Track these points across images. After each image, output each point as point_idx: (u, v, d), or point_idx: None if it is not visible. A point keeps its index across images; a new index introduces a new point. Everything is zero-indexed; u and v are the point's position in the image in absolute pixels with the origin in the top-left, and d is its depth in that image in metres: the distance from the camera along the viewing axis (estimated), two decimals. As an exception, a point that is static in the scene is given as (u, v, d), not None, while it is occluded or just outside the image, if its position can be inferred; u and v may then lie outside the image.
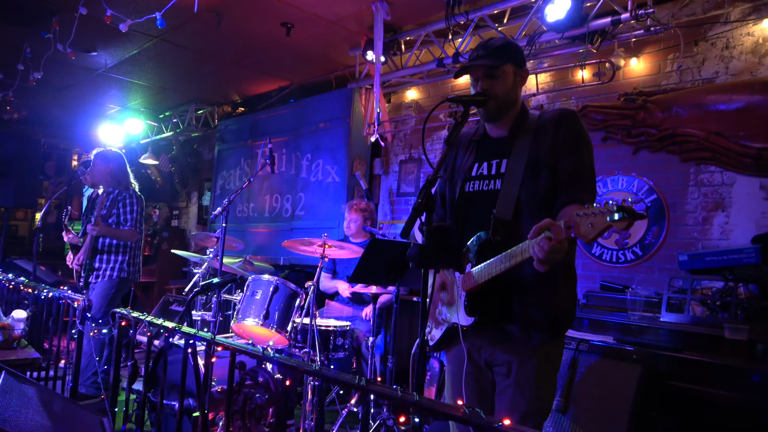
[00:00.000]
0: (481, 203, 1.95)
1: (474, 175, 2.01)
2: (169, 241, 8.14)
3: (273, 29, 4.83)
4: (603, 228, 1.45)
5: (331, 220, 5.69)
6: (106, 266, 4.34)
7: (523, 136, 1.94)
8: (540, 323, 1.83)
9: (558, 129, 1.88)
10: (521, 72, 2.00)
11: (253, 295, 3.71)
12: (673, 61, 3.86)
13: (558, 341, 1.94)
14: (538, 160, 1.87)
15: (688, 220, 3.74)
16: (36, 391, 2.26)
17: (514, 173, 1.89)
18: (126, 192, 4.41)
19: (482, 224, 1.90)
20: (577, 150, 1.86)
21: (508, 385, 1.88)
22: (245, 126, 7.12)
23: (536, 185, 1.85)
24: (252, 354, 1.77)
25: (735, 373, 2.62)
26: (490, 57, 1.94)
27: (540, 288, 1.80)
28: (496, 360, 1.92)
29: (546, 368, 1.87)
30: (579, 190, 1.81)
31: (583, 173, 1.85)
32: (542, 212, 1.83)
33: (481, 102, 1.93)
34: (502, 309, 1.87)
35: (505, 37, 2.09)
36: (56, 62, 5.45)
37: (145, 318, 2.37)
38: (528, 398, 1.83)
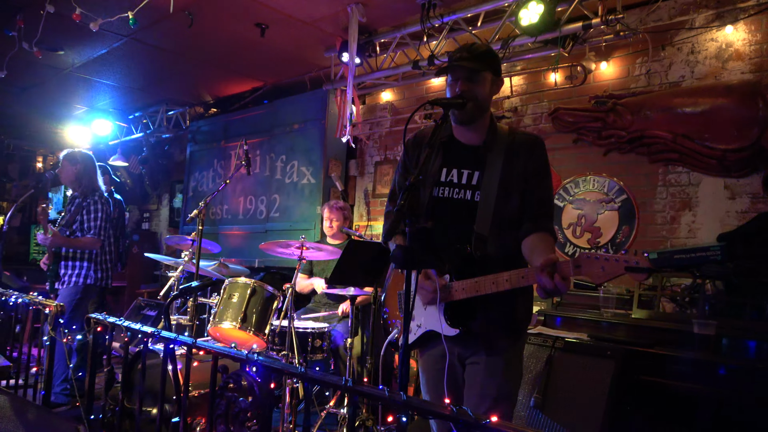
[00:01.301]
0: (450, 210, 2.02)
1: (443, 181, 2.05)
2: (140, 244, 7.97)
3: (247, 30, 4.79)
4: (617, 275, 1.52)
5: (306, 221, 5.67)
6: (71, 272, 4.22)
7: (496, 152, 2.01)
8: (503, 329, 1.96)
9: (530, 157, 1.99)
10: (497, 81, 2.06)
11: (229, 298, 3.67)
12: (642, 65, 3.97)
13: (523, 337, 2.09)
14: (510, 181, 1.97)
15: (657, 219, 3.85)
16: (8, 400, 2.21)
17: (489, 189, 1.97)
18: (91, 197, 4.27)
19: (453, 231, 1.98)
20: (545, 180, 2.01)
21: (477, 371, 1.96)
22: (218, 127, 7.03)
23: (507, 205, 1.95)
24: (235, 357, 1.76)
25: (703, 367, 2.72)
26: (474, 60, 1.97)
27: (503, 299, 1.88)
28: (467, 353, 2.00)
29: (512, 357, 1.99)
30: (547, 219, 1.96)
31: (549, 203, 2.02)
32: (511, 231, 1.97)
33: (460, 105, 1.96)
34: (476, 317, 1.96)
35: (488, 44, 2.13)
36: (21, 60, 5.29)
37: (123, 323, 2.33)
38: (498, 383, 1.92)
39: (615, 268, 1.48)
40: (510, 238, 1.95)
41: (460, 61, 1.97)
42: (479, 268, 1.87)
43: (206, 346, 1.87)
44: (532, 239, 1.89)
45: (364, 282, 3.67)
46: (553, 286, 1.62)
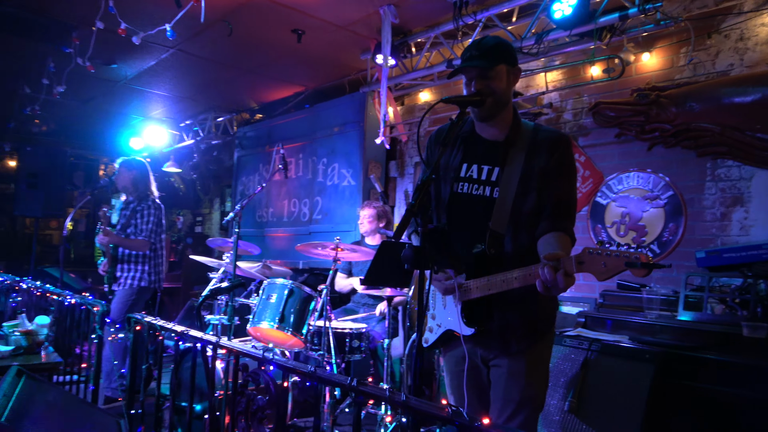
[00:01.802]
0: (470, 207, 1.99)
1: (463, 176, 2.02)
2: (193, 247, 8.31)
3: (284, 36, 4.90)
4: (618, 272, 1.47)
5: (347, 223, 5.73)
6: (127, 275, 4.46)
7: (518, 148, 1.95)
8: (522, 329, 1.90)
9: (552, 154, 1.91)
10: (514, 71, 2.00)
11: (268, 298, 3.76)
12: (686, 55, 3.78)
13: (546, 339, 2.00)
14: (529, 179, 1.91)
15: (706, 216, 3.66)
16: (54, 393, 2.35)
17: (508, 186, 1.92)
18: (145, 203, 4.51)
19: (471, 228, 1.95)
20: (566, 179, 1.93)
21: (500, 375, 1.93)
22: (262, 132, 7.22)
23: (525, 203, 1.90)
24: (253, 356, 1.81)
25: (753, 372, 2.56)
26: (484, 57, 1.93)
27: (521, 299, 1.85)
28: (490, 355, 1.97)
29: (536, 360, 1.93)
30: (564, 219, 1.88)
31: (569, 202, 1.93)
32: (529, 229, 1.91)
33: (478, 102, 1.93)
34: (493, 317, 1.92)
35: (496, 36, 2.08)
36: (79, 75, 5.62)
37: (157, 322, 2.43)
38: (521, 387, 1.88)
39: (616, 264, 1.42)
40: (527, 236, 1.90)
41: (471, 60, 1.94)
42: (494, 266, 1.84)
43: (228, 345, 1.92)
44: (547, 238, 1.84)
45: (398, 282, 3.67)
46: (553, 280, 1.57)
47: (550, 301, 1.99)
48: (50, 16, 4.80)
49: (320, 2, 4.29)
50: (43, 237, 10.19)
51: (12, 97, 6.81)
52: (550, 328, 2.01)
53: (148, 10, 4.35)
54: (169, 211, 9.28)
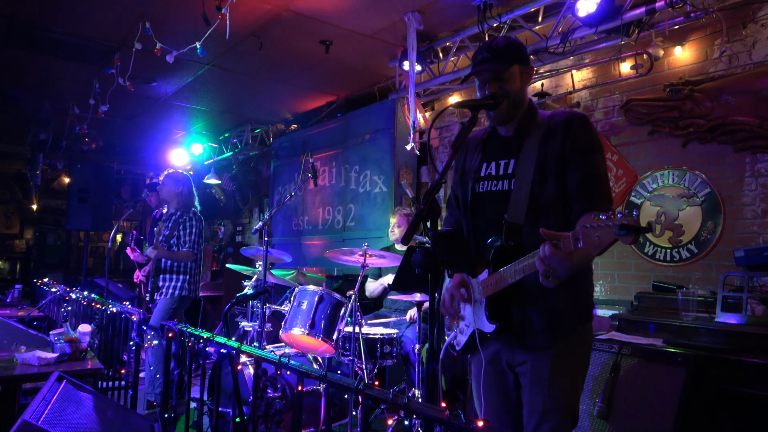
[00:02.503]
0: (492, 204, 1.95)
1: (483, 176, 2.00)
2: (234, 256, 8.53)
3: (313, 47, 5.00)
4: (610, 242, 1.40)
5: (379, 229, 5.77)
6: (169, 284, 4.63)
7: (531, 136, 1.91)
8: (544, 325, 1.82)
9: (567, 135, 1.84)
10: (527, 70, 1.97)
11: (299, 305, 3.83)
12: (721, 47, 3.64)
13: (574, 337, 1.86)
14: (545, 163, 1.85)
15: (746, 214, 3.51)
16: (92, 398, 2.47)
17: (523, 175, 1.87)
18: (187, 214, 4.68)
19: (495, 225, 1.90)
20: (587, 157, 1.82)
21: (525, 383, 1.87)
22: (297, 142, 7.37)
23: (543, 190, 1.84)
24: (272, 362, 1.85)
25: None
26: (497, 59, 1.91)
27: (542, 291, 1.73)
28: (515, 360, 1.91)
29: (562, 362, 1.81)
30: (594, 198, 1.77)
31: (597, 180, 1.81)
32: (553, 217, 1.83)
33: (492, 105, 1.91)
34: (515, 313, 1.87)
35: (507, 36, 2.06)
36: (122, 94, 5.89)
37: (187, 329, 2.52)
38: (543, 396, 1.80)
39: (607, 235, 1.36)
40: (549, 225, 1.76)
41: (484, 63, 1.93)
42: (515, 258, 1.76)
43: (249, 350, 1.98)
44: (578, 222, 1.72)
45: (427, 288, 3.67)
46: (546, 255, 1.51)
47: (579, 293, 1.86)
48: (94, 39, 5.07)
49: (345, 12, 4.36)
50: (95, 249, 10.72)
51: (64, 117, 7.21)
52: (578, 325, 1.86)
53: (181, 30, 4.53)
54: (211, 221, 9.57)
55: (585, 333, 1.91)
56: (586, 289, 1.90)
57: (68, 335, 3.26)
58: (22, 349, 3.23)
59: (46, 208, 10.10)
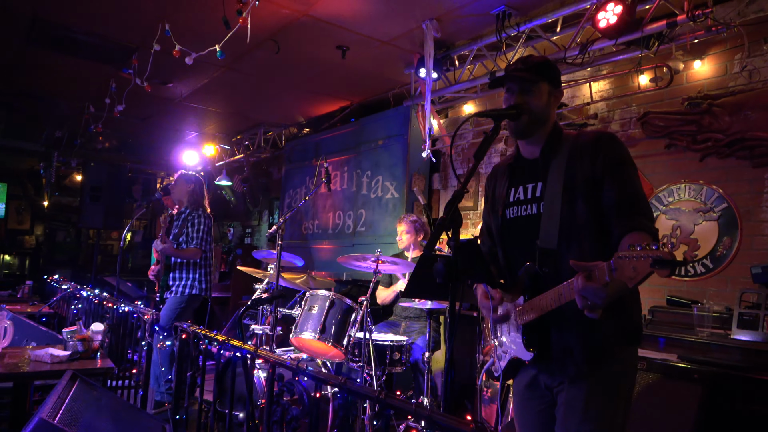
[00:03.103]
0: (523, 229, 1.91)
1: (512, 201, 1.97)
2: (243, 257, 8.54)
3: (329, 52, 5.02)
4: (646, 274, 1.35)
5: (390, 235, 5.76)
6: (179, 282, 4.63)
7: (558, 156, 1.87)
8: (583, 353, 1.76)
9: (596, 153, 1.78)
10: (556, 92, 1.95)
11: (309, 309, 3.83)
12: (741, 62, 3.62)
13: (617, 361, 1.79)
14: (574, 184, 1.80)
15: (764, 230, 3.47)
16: (105, 397, 2.47)
17: (552, 198, 1.83)
18: (196, 212, 4.70)
19: (526, 251, 1.86)
20: (621, 174, 1.76)
21: (560, 404, 1.81)
22: (310, 146, 7.39)
23: (574, 211, 1.79)
24: (288, 367, 1.85)
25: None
26: (528, 71, 1.91)
27: (580, 317, 1.62)
28: (554, 382, 1.86)
29: (600, 387, 1.75)
30: (634, 216, 1.70)
31: (634, 198, 1.74)
32: (588, 240, 1.78)
33: (513, 116, 1.90)
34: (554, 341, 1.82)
35: (543, 56, 2.06)
36: (138, 95, 5.93)
37: (200, 331, 2.52)
38: (578, 420, 1.74)
39: (643, 267, 1.31)
40: (583, 249, 1.76)
41: (514, 73, 1.92)
42: (550, 284, 1.72)
43: (265, 355, 1.97)
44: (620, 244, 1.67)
45: (440, 295, 3.66)
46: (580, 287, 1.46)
47: (623, 317, 1.76)
48: (113, 40, 5.11)
49: (363, 19, 4.38)
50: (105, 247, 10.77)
51: (79, 116, 7.27)
52: (622, 349, 1.79)
53: (200, 32, 4.56)
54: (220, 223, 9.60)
55: (629, 357, 1.84)
56: (630, 311, 1.81)
57: (81, 333, 3.27)
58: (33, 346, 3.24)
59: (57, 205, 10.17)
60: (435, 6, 4.11)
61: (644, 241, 1.52)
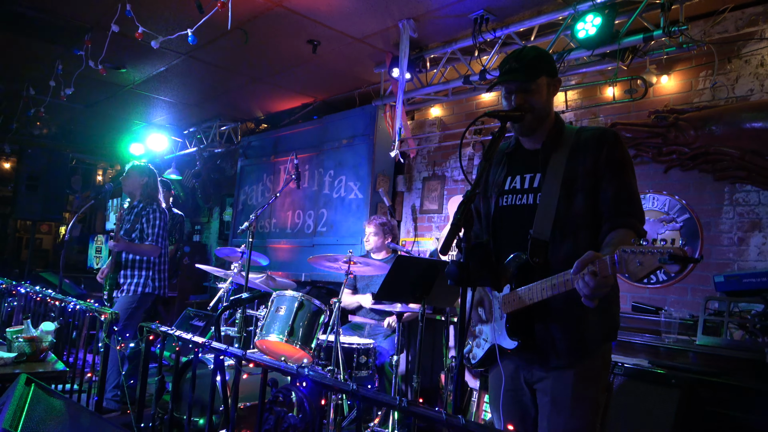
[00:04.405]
0: (516, 218, 1.92)
1: (507, 189, 1.97)
2: (191, 255, 8.18)
3: (299, 46, 4.87)
4: (654, 268, 1.38)
5: (353, 236, 5.67)
6: (130, 281, 4.34)
7: (559, 150, 1.89)
8: (567, 345, 1.78)
9: (599, 151, 1.81)
10: (554, 82, 1.96)
11: (277, 311, 3.68)
12: (706, 79, 3.79)
13: (594, 358, 1.82)
14: (574, 179, 1.82)
15: (723, 241, 3.64)
16: (64, 404, 2.25)
17: (550, 191, 1.84)
18: (150, 207, 4.42)
19: (517, 240, 1.87)
20: (621, 174, 1.80)
21: (546, 402, 1.83)
22: (268, 142, 7.17)
23: (571, 207, 1.81)
24: (285, 371, 1.73)
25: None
26: (525, 70, 1.89)
27: (565, 309, 1.73)
28: (533, 377, 1.88)
29: (583, 385, 1.78)
30: (626, 216, 1.75)
31: (629, 197, 1.79)
32: (580, 233, 1.81)
33: (518, 118, 1.89)
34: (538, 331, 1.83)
35: (536, 46, 2.04)
36: (87, 79, 5.54)
37: (174, 332, 2.35)
38: (566, 416, 1.77)
39: (650, 261, 1.34)
40: (577, 242, 1.78)
41: (512, 74, 1.89)
42: (540, 275, 1.74)
43: (256, 358, 1.85)
44: (607, 239, 1.72)
45: (411, 298, 3.60)
46: (584, 284, 1.49)
47: (606, 312, 1.81)
48: (63, 17, 4.74)
49: (339, 14, 4.27)
50: (34, 241, 10.04)
51: (16, 98, 6.72)
52: (602, 344, 1.83)
53: (165, 15, 4.31)
54: (168, 218, 9.15)
55: (607, 352, 1.89)
56: (613, 307, 1.86)
57: (29, 333, 2.99)
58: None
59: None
60: (414, 5, 4.06)
61: (629, 237, 1.63)
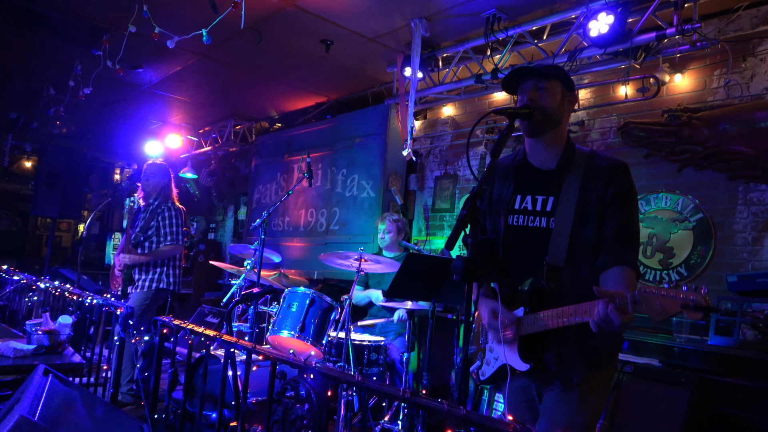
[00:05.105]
0: (527, 240, 1.91)
1: (517, 209, 1.95)
2: (206, 253, 8.27)
3: (312, 46, 4.92)
4: (674, 314, 1.41)
5: (365, 234, 5.70)
6: (145, 276, 4.41)
7: (572, 175, 1.87)
8: (581, 362, 1.82)
9: (610, 182, 1.83)
10: (570, 96, 1.94)
11: (288, 307, 3.72)
12: (720, 77, 3.76)
13: (605, 369, 1.89)
14: (587, 207, 1.83)
15: (737, 240, 3.60)
16: (80, 395, 2.31)
17: (564, 216, 1.84)
18: (165, 205, 4.48)
19: (530, 262, 1.87)
20: (626, 207, 1.83)
21: (549, 399, 1.86)
22: (282, 141, 7.23)
23: (583, 233, 1.82)
24: (293, 364, 1.77)
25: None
26: (541, 69, 1.92)
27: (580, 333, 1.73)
28: (543, 388, 1.92)
29: (590, 387, 1.83)
30: (624, 251, 1.78)
31: (630, 232, 1.82)
32: (588, 262, 1.83)
33: (526, 115, 1.88)
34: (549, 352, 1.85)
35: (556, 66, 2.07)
36: (104, 78, 5.64)
37: (186, 326, 2.39)
38: (569, 412, 1.80)
39: (672, 306, 1.36)
40: (588, 268, 1.81)
41: (527, 70, 1.92)
42: (553, 301, 1.76)
43: (265, 351, 1.88)
44: (610, 273, 1.75)
45: (422, 296, 3.62)
46: (605, 315, 1.52)
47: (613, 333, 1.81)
48: (82, 17, 4.84)
49: (351, 13, 4.31)
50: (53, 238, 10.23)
51: (37, 98, 6.86)
52: (611, 360, 1.91)
53: (181, 15, 4.38)
54: (184, 216, 9.27)
55: (616, 360, 1.95)
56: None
57: (47, 326, 3.06)
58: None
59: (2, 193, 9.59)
60: (426, 4, 4.08)
61: (632, 278, 1.73)
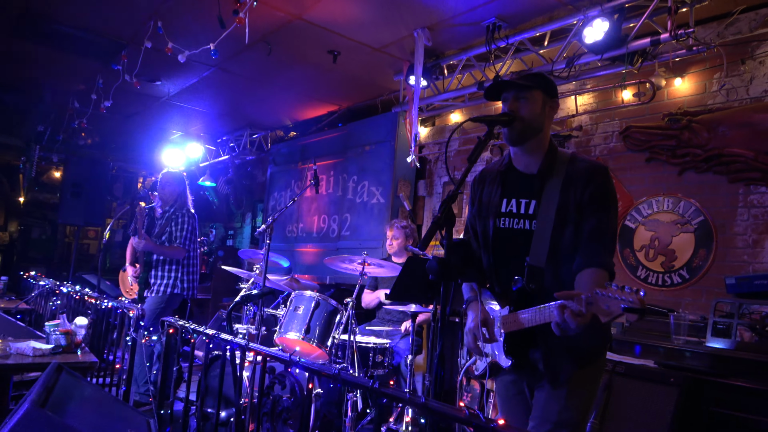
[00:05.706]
0: (513, 241, 1.98)
1: (504, 212, 2.02)
2: (224, 259, 8.48)
3: (320, 56, 5.07)
4: (616, 316, 1.47)
5: (375, 240, 5.81)
6: (159, 281, 4.57)
7: (554, 178, 1.93)
8: (568, 358, 1.86)
9: (588, 185, 1.88)
10: (551, 102, 2.00)
11: (295, 309, 3.85)
12: (719, 81, 3.78)
13: (593, 366, 1.93)
14: (567, 210, 1.88)
15: (738, 243, 3.61)
16: (91, 390, 2.46)
17: (545, 218, 1.90)
18: (180, 211, 4.66)
19: (516, 262, 1.93)
20: (603, 209, 1.87)
21: (540, 396, 1.91)
22: (296, 149, 7.40)
23: (563, 235, 1.88)
24: (280, 359, 1.88)
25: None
26: (522, 80, 1.97)
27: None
28: (534, 383, 1.97)
29: (579, 384, 1.88)
30: (599, 253, 1.83)
31: (606, 234, 1.86)
32: (569, 263, 1.88)
33: (506, 122, 1.94)
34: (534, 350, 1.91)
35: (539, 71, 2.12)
36: (125, 92, 5.90)
37: (189, 326, 2.53)
38: (559, 408, 1.84)
39: (615, 308, 1.41)
40: (569, 269, 1.86)
41: (508, 81, 1.97)
42: (536, 301, 1.81)
43: (256, 348, 2.00)
44: (582, 275, 1.80)
45: (424, 299, 3.70)
46: (561, 320, 1.58)
47: (597, 330, 1.82)
48: (103, 34, 5.09)
49: (356, 25, 4.44)
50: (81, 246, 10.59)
51: (63, 111, 7.18)
52: (598, 356, 1.95)
53: (193, 30, 4.57)
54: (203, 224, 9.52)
55: (602, 360, 1.98)
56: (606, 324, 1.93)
57: (64, 327, 3.23)
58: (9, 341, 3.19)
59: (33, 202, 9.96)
60: (428, 15, 4.19)
61: (603, 279, 1.75)
